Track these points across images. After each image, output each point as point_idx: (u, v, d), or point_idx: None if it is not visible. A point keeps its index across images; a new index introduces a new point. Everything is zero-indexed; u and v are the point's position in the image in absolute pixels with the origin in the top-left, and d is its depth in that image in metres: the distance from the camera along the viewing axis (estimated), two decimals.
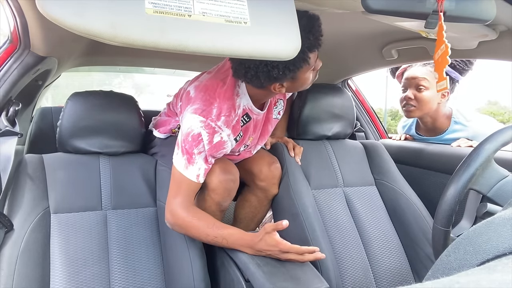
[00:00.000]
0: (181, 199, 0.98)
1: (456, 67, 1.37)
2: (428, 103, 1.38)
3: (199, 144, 0.96)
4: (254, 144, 1.22)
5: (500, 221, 0.29)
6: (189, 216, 0.96)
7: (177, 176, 0.99)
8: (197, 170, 0.98)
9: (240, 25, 0.56)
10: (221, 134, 0.98)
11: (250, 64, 0.90)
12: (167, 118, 1.23)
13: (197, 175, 0.98)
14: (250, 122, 1.09)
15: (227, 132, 1.00)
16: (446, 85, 0.68)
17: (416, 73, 1.39)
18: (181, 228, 0.98)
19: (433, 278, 0.30)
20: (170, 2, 0.53)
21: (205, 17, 0.55)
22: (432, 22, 0.65)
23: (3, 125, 1.00)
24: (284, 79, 0.94)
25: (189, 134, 0.96)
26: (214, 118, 0.98)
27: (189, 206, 0.98)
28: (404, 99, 1.42)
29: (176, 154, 0.99)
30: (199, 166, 0.98)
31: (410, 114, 1.43)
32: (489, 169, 0.75)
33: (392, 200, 1.25)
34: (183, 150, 0.97)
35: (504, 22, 0.83)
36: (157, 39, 0.51)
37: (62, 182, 1.02)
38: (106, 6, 0.50)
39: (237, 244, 0.95)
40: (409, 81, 1.41)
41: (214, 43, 0.54)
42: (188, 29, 0.53)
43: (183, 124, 0.99)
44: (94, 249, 0.96)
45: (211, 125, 0.97)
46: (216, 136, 0.97)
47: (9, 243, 0.87)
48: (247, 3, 0.58)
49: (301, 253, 0.90)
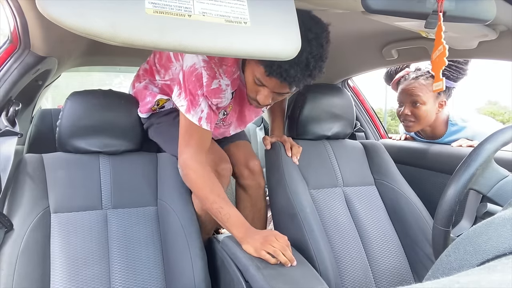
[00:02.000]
0: (193, 150, 0.97)
1: (450, 77, 1.35)
2: (426, 117, 1.36)
3: (202, 86, 0.93)
4: (231, 122, 1.18)
5: (500, 221, 0.29)
6: (199, 170, 0.96)
7: (183, 121, 0.98)
8: (200, 113, 0.95)
9: (240, 25, 0.56)
10: (219, 82, 0.95)
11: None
12: (143, 97, 1.18)
13: (199, 118, 0.95)
14: (239, 88, 1.05)
15: (226, 81, 0.96)
16: (442, 86, 0.68)
17: (409, 89, 1.36)
18: (189, 180, 0.99)
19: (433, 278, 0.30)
20: (170, 2, 0.53)
21: (205, 17, 0.55)
22: (432, 22, 0.65)
23: (3, 125, 1.00)
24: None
25: (192, 73, 0.93)
26: (217, 63, 0.94)
27: (203, 161, 0.98)
28: (401, 115, 1.41)
29: (179, 95, 0.96)
30: (202, 108, 0.95)
31: (410, 129, 1.42)
32: (489, 169, 0.75)
33: (392, 200, 1.25)
34: (186, 90, 0.94)
35: (504, 22, 0.83)
36: (157, 39, 0.51)
37: (62, 181, 1.02)
38: (106, 6, 0.50)
39: (236, 225, 0.95)
40: (404, 96, 1.39)
41: (214, 43, 0.54)
42: (188, 29, 0.53)
43: (186, 61, 0.95)
44: (94, 248, 0.96)
45: (213, 68, 0.93)
46: (215, 83, 0.94)
47: (9, 243, 0.87)
48: (247, 3, 0.58)
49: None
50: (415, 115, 1.37)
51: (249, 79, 0.93)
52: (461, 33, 0.89)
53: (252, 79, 0.91)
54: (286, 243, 0.93)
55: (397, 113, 1.45)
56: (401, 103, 1.42)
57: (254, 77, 0.90)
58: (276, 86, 0.89)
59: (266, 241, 0.91)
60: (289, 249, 0.92)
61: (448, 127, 1.41)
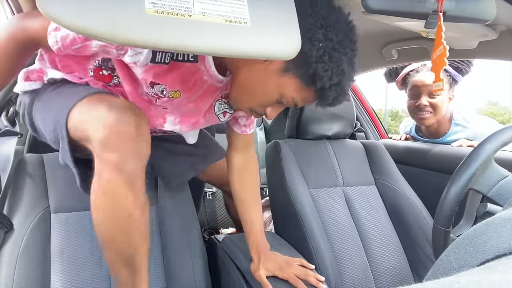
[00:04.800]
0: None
1: (462, 70, 1.37)
2: (442, 108, 1.38)
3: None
4: (170, 110, 0.87)
5: (500, 221, 0.29)
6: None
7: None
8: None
9: (240, 25, 0.56)
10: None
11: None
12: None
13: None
14: (195, 72, 0.77)
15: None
16: (442, 86, 0.69)
17: (427, 80, 1.38)
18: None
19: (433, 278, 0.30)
20: (170, 2, 0.53)
21: (205, 17, 0.55)
22: (432, 22, 0.65)
23: (3, 125, 1.00)
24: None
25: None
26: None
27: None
28: (417, 107, 1.41)
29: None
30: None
31: (425, 121, 1.41)
32: (489, 169, 0.75)
33: (392, 200, 1.25)
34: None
35: (504, 22, 0.83)
36: (157, 39, 0.51)
37: (62, 181, 1.02)
38: (106, 6, 0.50)
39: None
40: (420, 88, 1.40)
41: (214, 43, 0.54)
42: (188, 29, 0.53)
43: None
44: (94, 248, 0.96)
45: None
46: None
47: (9, 243, 0.87)
48: (247, 3, 0.58)
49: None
50: (433, 106, 1.38)
51: (263, 91, 0.75)
52: (461, 33, 0.89)
53: (273, 93, 0.75)
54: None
55: (409, 106, 1.45)
56: (415, 95, 1.42)
57: (280, 93, 0.74)
58: (308, 97, 0.75)
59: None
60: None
61: (452, 126, 1.42)
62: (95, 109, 0.71)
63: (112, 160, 0.67)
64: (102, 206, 0.70)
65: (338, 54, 0.68)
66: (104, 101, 0.72)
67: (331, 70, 0.68)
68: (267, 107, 0.78)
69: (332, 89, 0.71)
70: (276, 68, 0.72)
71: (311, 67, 0.68)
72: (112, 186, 0.68)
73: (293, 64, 0.70)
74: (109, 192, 0.69)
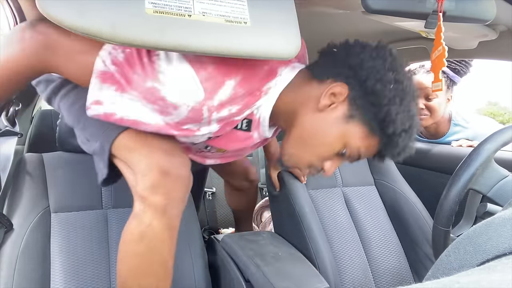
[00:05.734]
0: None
1: (460, 72, 1.36)
2: (439, 111, 1.38)
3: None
4: (217, 160, 0.91)
5: (500, 221, 0.29)
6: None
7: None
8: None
9: (240, 25, 0.56)
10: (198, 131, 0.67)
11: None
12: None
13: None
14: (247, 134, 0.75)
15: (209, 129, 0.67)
16: (441, 86, 0.69)
17: (423, 82, 1.37)
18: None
19: (433, 278, 0.30)
20: (170, 2, 0.53)
21: (205, 17, 0.55)
22: (432, 22, 0.65)
23: (3, 125, 1.00)
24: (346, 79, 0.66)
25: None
26: (216, 106, 0.62)
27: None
28: None
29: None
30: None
31: (422, 123, 1.41)
32: (489, 169, 0.75)
33: (392, 200, 1.25)
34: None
35: (504, 22, 0.83)
36: (157, 39, 0.51)
37: (62, 181, 1.02)
38: (106, 6, 0.50)
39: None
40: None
41: (214, 43, 0.54)
42: (188, 29, 0.53)
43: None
44: (94, 248, 0.96)
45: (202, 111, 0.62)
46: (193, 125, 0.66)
47: (9, 243, 0.87)
48: (247, 3, 0.58)
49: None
50: (429, 108, 1.37)
51: (325, 141, 0.69)
52: (461, 33, 0.89)
53: (336, 144, 0.69)
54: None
55: None
56: None
57: (344, 142, 0.68)
58: (373, 147, 0.70)
59: None
60: None
61: (451, 126, 1.42)
62: (145, 144, 0.67)
63: (159, 203, 0.64)
64: (135, 252, 0.66)
65: (409, 98, 0.65)
66: (155, 137, 0.67)
67: (403, 114, 0.63)
68: (326, 160, 0.72)
69: (402, 136, 0.65)
70: (339, 115, 0.66)
71: (382, 110, 0.63)
72: (153, 232, 0.65)
73: (360, 109, 0.65)
74: (148, 238, 0.65)
